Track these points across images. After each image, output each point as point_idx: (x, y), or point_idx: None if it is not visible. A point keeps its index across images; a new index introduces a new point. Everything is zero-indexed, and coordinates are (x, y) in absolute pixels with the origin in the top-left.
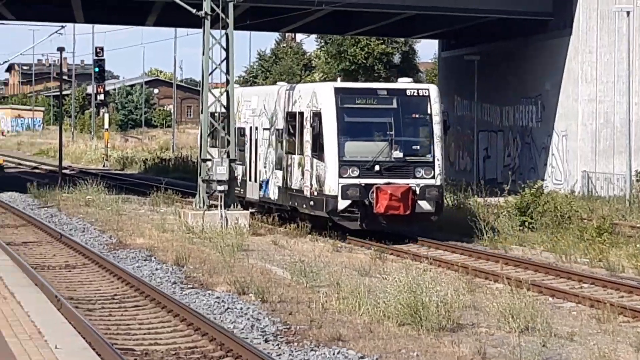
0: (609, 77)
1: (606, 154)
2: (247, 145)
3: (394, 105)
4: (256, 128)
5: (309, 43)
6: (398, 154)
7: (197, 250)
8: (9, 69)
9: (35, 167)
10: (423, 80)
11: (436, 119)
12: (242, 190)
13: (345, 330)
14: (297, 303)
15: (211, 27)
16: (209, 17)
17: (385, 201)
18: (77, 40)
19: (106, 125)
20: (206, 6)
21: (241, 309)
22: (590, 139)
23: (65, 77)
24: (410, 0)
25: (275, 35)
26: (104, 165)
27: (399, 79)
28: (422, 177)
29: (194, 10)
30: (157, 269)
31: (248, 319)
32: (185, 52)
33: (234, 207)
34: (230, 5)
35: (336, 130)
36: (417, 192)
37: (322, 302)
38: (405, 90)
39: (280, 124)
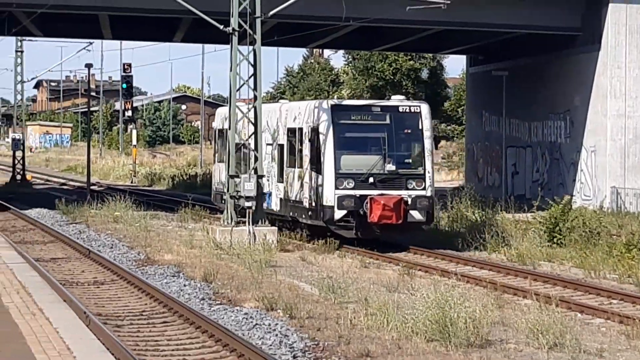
0: (638, 92)
1: (635, 170)
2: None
3: (387, 121)
4: None
5: (337, 59)
6: (391, 166)
7: (225, 267)
8: (37, 85)
9: (64, 184)
10: (451, 95)
11: (427, 134)
12: None
13: (373, 347)
14: (325, 319)
15: (239, 43)
16: (236, 33)
17: (378, 211)
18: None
19: (134, 142)
20: (234, 22)
21: (269, 325)
22: (619, 155)
23: (93, 94)
24: (438, 16)
25: (302, 51)
26: (131, 182)
27: (392, 97)
28: (413, 189)
29: (221, 27)
30: (185, 285)
31: (276, 335)
32: (212, 68)
33: (261, 223)
34: (258, 21)
35: (333, 145)
36: (409, 202)
37: (350, 318)
38: (397, 107)
39: (282, 139)
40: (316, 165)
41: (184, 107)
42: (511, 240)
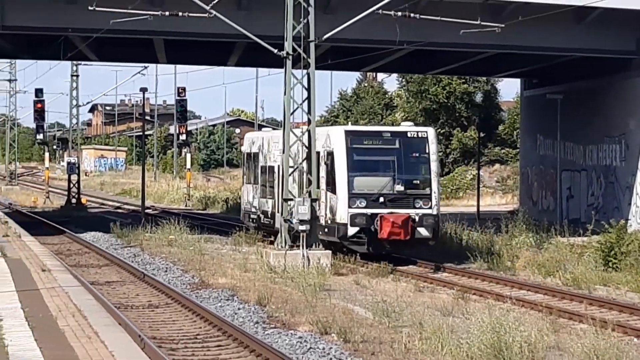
0: None
1: None
2: (276, 182)
3: (397, 145)
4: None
5: (390, 82)
6: (400, 187)
7: (279, 290)
8: (93, 109)
9: (118, 207)
10: (505, 119)
11: (433, 157)
12: (272, 221)
13: None
14: (379, 343)
15: (293, 67)
16: (290, 57)
17: (388, 228)
18: (160, 81)
19: (188, 165)
20: (288, 46)
21: (323, 349)
22: None
23: (148, 117)
24: (492, 40)
25: (356, 75)
26: (186, 205)
27: (402, 123)
28: (420, 207)
29: (275, 51)
30: (239, 309)
31: (330, 359)
32: (266, 91)
33: (315, 246)
34: (312, 45)
35: (346, 167)
36: (416, 220)
37: (404, 342)
38: (406, 132)
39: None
40: (331, 186)
41: (237, 130)
42: (566, 264)
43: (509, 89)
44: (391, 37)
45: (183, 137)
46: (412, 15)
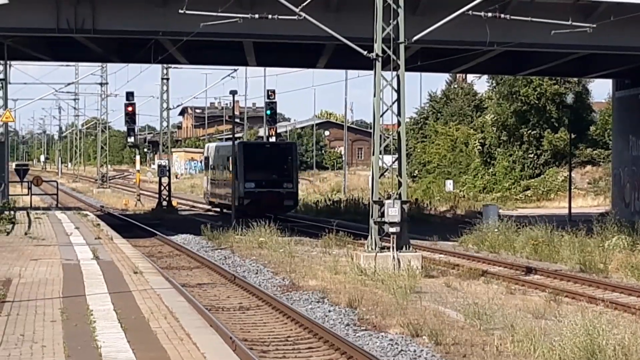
0: None
1: None
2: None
3: (273, 151)
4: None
5: (480, 84)
6: (275, 176)
7: (370, 292)
8: (183, 112)
9: (208, 210)
10: (597, 120)
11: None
12: (215, 199)
13: None
14: (471, 346)
15: (382, 69)
16: (380, 59)
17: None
18: (249, 83)
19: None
20: (377, 48)
21: (414, 351)
22: None
23: (238, 120)
24: (584, 40)
25: (445, 76)
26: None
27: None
28: (286, 188)
29: (365, 53)
30: (330, 311)
31: None
32: (355, 93)
33: (406, 248)
34: (402, 46)
35: (244, 166)
36: (284, 194)
37: (496, 345)
38: (279, 144)
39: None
40: (237, 176)
41: (327, 133)
42: None
43: (600, 89)
44: (481, 38)
45: (272, 139)
46: (502, 15)
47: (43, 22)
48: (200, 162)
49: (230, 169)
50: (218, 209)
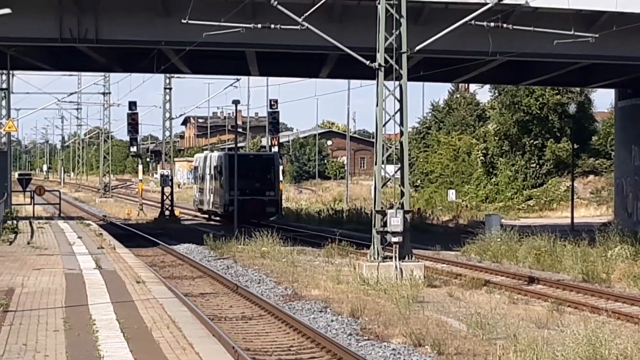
0: None
1: None
2: (206, 184)
3: (256, 161)
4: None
5: (483, 93)
6: (258, 185)
7: (372, 302)
8: (185, 121)
9: (210, 219)
10: (599, 130)
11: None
12: (203, 206)
13: None
14: (473, 355)
15: (385, 79)
16: (382, 69)
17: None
18: (252, 93)
19: (280, 177)
20: (380, 58)
21: None
22: None
23: (240, 130)
24: (586, 50)
25: (448, 86)
26: (278, 217)
27: (258, 151)
28: (268, 195)
29: (367, 62)
30: (332, 321)
31: None
32: (358, 103)
33: (408, 258)
34: (404, 56)
35: (229, 174)
36: (267, 201)
37: (499, 355)
38: (262, 155)
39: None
40: (222, 184)
41: (329, 142)
42: None
43: (603, 99)
44: (483, 48)
45: (275, 149)
46: (504, 25)
47: (46, 32)
48: (191, 171)
49: (216, 178)
50: (218, 218)
